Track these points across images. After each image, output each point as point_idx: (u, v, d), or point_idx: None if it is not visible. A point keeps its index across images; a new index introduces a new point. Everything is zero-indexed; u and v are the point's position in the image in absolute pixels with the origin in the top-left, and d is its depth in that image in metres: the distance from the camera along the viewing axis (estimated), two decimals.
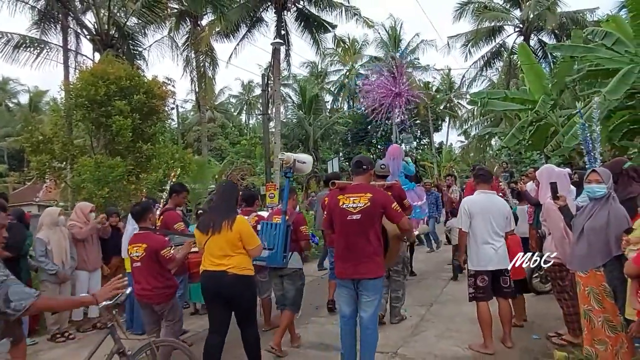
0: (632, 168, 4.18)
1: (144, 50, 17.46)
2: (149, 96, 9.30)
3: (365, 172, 3.83)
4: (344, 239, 3.67)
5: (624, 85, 9.64)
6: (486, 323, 4.27)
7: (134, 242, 4.10)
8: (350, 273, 3.64)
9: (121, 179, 8.46)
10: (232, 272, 3.58)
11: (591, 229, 3.44)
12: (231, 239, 3.61)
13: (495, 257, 4.25)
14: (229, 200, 3.85)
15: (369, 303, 3.62)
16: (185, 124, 35.67)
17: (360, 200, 3.60)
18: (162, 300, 4.03)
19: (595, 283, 3.46)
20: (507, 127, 18.06)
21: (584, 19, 21.79)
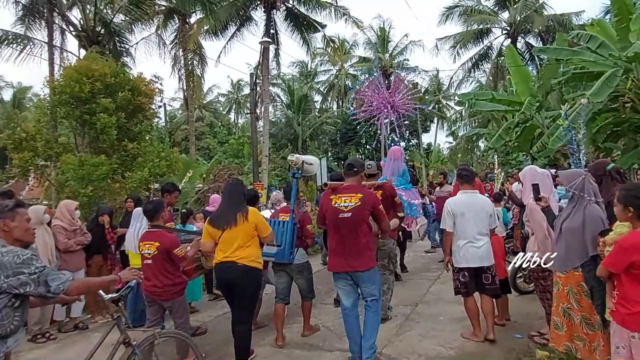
0: (614, 170, 4.23)
1: (131, 48, 17.26)
2: (134, 94, 9.19)
3: (357, 174, 4.14)
4: (337, 235, 3.97)
5: (607, 88, 9.78)
6: (474, 315, 4.48)
7: (146, 239, 4.19)
8: (344, 266, 3.95)
9: (105, 178, 8.35)
10: (241, 262, 3.89)
11: (568, 230, 3.51)
12: (248, 229, 3.94)
13: (477, 255, 4.39)
14: (238, 196, 4.14)
15: (370, 290, 3.98)
16: (173, 123, 35.38)
17: (352, 200, 3.90)
18: (172, 297, 4.16)
19: (573, 282, 3.52)
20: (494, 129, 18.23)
21: (570, 22, 22.09)
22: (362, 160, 5.07)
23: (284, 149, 28.19)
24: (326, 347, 4.66)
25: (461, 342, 4.54)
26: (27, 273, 2.22)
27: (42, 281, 2.24)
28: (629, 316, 2.68)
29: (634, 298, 2.66)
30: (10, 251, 2.27)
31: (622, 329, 2.72)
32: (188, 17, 19.81)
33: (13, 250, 2.29)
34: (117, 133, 8.81)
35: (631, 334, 2.67)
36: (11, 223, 2.42)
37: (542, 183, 4.07)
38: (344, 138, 34.11)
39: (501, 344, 4.40)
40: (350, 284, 4.01)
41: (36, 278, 2.24)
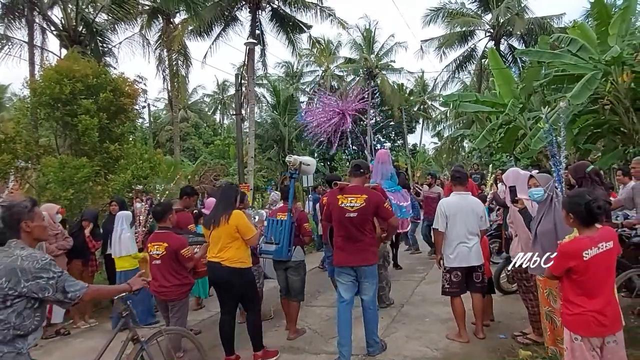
0: (594, 172, 4.32)
1: (114, 48, 17.02)
2: (117, 95, 9.05)
3: (362, 175, 4.41)
4: (343, 233, 4.25)
5: (587, 90, 9.95)
6: (460, 315, 4.56)
7: (155, 240, 4.34)
8: (349, 261, 4.23)
9: (87, 180, 8.20)
10: (225, 264, 4.10)
11: (542, 234, 3.59)
12: (229, 230, 4.12)
13: (469, 254, 4.49)
14: (227, 199, 4.33)
15: (368, 287, 4.27)
16: (157, 124, 34.99)
17: (357, 201, 4.17)
18: (178, 297, 4.31)
19: (552, 285, 3.58)
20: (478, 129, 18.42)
21: (551, 25, 22.45)
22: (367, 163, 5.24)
23: (270, 150, 28.09)
24: (312, 350, 4.66)
25: (446, 343, 4.57)
26: (46, 278, 2.32)
27: (60, 287, 2.36)
28: (570, 317, 2.73)
29: (573, 300, 2.71)
30: (29, 256, 2.34)
31: (567, 331, 2.77)
32: (172, 17, 19.60)
33: (33, 255, 2.35)
34: (99, 135, 8.67)
35: (574, 336, 2.70)
36: (32, 223, 2.47)
37: (524, 185, 4.13)
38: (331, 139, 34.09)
39: (485, 344, 4.45)
40: (352, 280, 4.28)
41: (54, 284, 2.34)
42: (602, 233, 2.72)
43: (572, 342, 2.71)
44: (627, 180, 5.67)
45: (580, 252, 2.63)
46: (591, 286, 2.68)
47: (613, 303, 2.74)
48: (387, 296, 5.93)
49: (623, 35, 10.59)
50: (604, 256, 2.67)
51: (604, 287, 2.71)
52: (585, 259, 2.62)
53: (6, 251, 2.37)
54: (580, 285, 2.69)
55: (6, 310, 2.24)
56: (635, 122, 10.52)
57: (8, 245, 2.41)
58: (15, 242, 2.41)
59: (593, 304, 2.66)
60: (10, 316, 2.24)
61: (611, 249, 2.70)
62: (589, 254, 2.63)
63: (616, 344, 2.70)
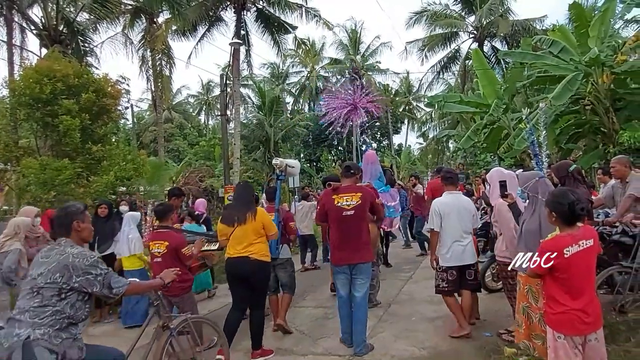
0: (576, 171, 4.39)
1: (96, 48, 16.76)
2: (99, 95, 8.89)
3: (354, 176, 4.61)
4: (340, 232, 4.40)
5: (568, 91, 10.13)
6: (456, 309, 4.61)
7: (155, 239, 4.54)
8: (347, 259, 4.38)
9: (69, 182, 8.03)
10: (253, 257, 4.28)
11: (527, 232, 3.63)
12: (256, 227, 4.33)
13: (463, 253, 4.55)
14: (247, 197, 4.58)
15: (361, 285, 4.40)
16: (141, 124, 34.54)
17: (353, 199, 4.36)
18: (180, 293, 4.46)
19: (533, 282, 3.63)
20: (463, 130, 18.62)
21: (534, 27, 22.82)
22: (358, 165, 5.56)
23: (256, 151, 27.93)
24: (300, 351, 4.63)
25: (433, 342, 4.59)
26: (95, 274, 2.60)
27: (106, 283, 2.64)
28: (553, 316, 2.75)
29: (556, 299, 2.73)
30: (80, 254, 2.61)
31: (550, 329, 2.79)
32: (156, 17, 19.37)
33: (82, 253, 2.63)
34: (81, 135, 8.50)
35: (557, 335, 2.73)
36: (82, 224, 2.75)
37: (509, 183, 4.18)
38: (316, 140, 34.09)
39: (471, 342, 4.47)
40: (348, 277, 4.45)
41: (102, 280, 2.62)
42: (583, 231, 2.76)
43: (555, 341, 2.73)
44: (607, 180, 5.79)
45: (561, 249, 2.66)
46: (573, 284, 2.71)
47: (594, 301, 2.78)
48: (376, 296, 6.00)
49: (603, 37, 10.83)
50: (584, 254, 2.71)
51: (586, 286, 2.75)
52: (566, 256, 2.66)
53: (57, 249, 2.63)
54: (563, 284, 2.72)
55: (62, 302, 2.52)
56: (615, 122, 10.76)
57: (58, 243, 2.67)
58: (65, 240, 2.68)
59: (576, 303, 2.69)
60: (65, 307, 2.53)
61: (591, 247, 2.74)
62: (570, 251, 2.66)
63: (597, 342, 2.74)
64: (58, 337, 2.47)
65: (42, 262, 2.58)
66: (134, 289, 2.94)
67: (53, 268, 2.53)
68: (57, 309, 2.50)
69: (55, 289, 2.51)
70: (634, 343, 3.82)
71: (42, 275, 2.53)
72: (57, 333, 2.48)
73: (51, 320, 2.48)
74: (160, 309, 3.39)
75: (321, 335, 5.05)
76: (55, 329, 2.48)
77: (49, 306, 2.49)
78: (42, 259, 2.60)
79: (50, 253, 2.62)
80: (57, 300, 2.51)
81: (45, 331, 2.45)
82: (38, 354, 2.39)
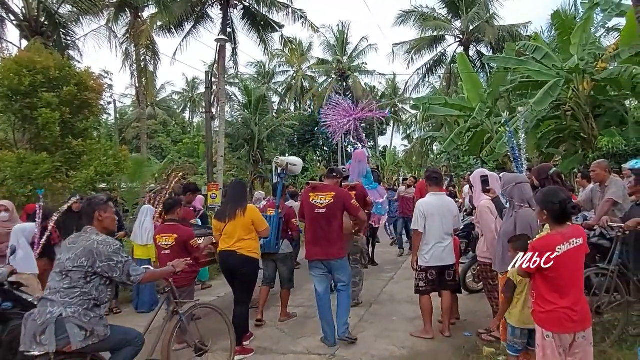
0: (556, 174, 4.46)
1: (78, 41, 16.42)
2: (80, 88, 8.72)
3: (335, 178, 4.82)
4: (313, 228, 4.59)
5: (549, 97, 10.31)
6: (428, 312, 4.65)
7: (164, 232, 4.74)
8: (319, 254, 4.54)
9: (47, 177, 7.86)
10: (241, 252, 4.42)
11: (504, 233, 3.71)
12: (245, 223, 4.47)
13: (443, 254, 4.58)
14: (239, 194, 4.73)
15: (342, 275, 4.61)
16: (124, 120, 34.03)
17: (326, 198, 4.53)
18: (186, 284, 4.66)
19: None
20: (447, 132, 18.81)
21: (519, 32, 23.17)
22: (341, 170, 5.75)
23: (241, 150, 27.76)
24: (279, 350, 4.60)
25: (413, 342, 4.61)
26: (116, 261, 2.84)
27: (126, 270, 2.88)
28: (542, 314, 2.77)
29: (546, 297, 2.75)
30: (104, 241, 2.86)
31: (539, 328, 2.81)
32: (141, 11, 19.05)
33: (107, 241, 2.87)
34: (61, 129, 8.34)
35: (546, 333, 2.74)
36: (104, 214, 2.99)
37: (491, 185, 4.22)
38: (302, 140, 34.05)
39: (451, 342, 4.51)
40: (324, 272, 4.60)
41: (122, 267, 2.86)
42: (572, 230, 2.80)
43: (544, 340, 2.75)
44: (586, 184, 5.90)
45: (553, 247, 2.69)
46: (563, 283, 2.74)
47: (583, 300, 2.81)
48: (358, 295, 6.05)
49: (584, 45, 11.05)
50: (574, 252, 2.74)
51: (575, 284, 2.78)
52: (557, 255, 2.68)
53: (84, 236, 2.88)
54: (553, 282, 2.74)
55: (88, 285, 2.78)
56: (595, 128, 10.99)
57: (85, 231, 2.92)
58: (90, 228, 2.93)
59: (565, 301, 2.71)
60: (91, 290, 2.79)
61: (581, 245, 2.77)
62: (561, 250, 2.68)
63: (585, 340, 2.77)
64: (87, 316, 2.73)
65: (70, 248, 2.85)
66: (150, 277, 3.17)
67: (80, 253, 2.78)
68: (85, 291, 2.77)
69: (82, 272, 2.77)
70: (610, 343, 3.90)
71: (70, 259, 2.78)
72: (85, 312, 2.74)
73: (80, 300, 2.74)
74: (171, 296, 3.61)
75: (302, 334, 5.03)
76: (84, 308, 2.75)
77: (77, 288, 2.76)
78: (69, 245, 2.88)
79: (78, 239, 2.88)
80: (84, 283, 2.77)
81: (76, 310, 2.71)
82: (69, 329, 2.65)
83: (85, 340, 2.70)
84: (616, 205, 4.64)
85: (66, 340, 2.65)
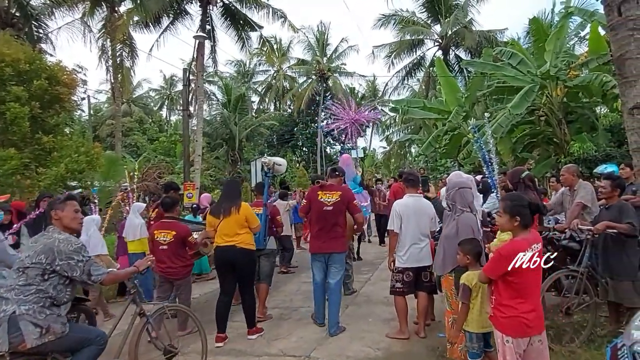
0: (527, 177, 4.54)
1: (51, 34, 15.97)
2: (52, 83, 8.44)
3: (338, 177, 5.32)
4: (319, 224, 4.99)
5: (525, 101, 10.53)
6: (403, 313, 4.68)
7: (162, 228, 5.02)
8: (324, 248, 4.97)
9: (15, 173, 7.59)
10: (239, 246, 4.71)
11: (445, 237, 3.79)
12: (239, 220, 4.76)
13: (419, 255, 4.61)
14: (233, 191, 5.08)
15: (336, 272, 5.01)
16: (98, 117, 33.24)
17: (333, 196, 4.98)
18: (183, 277, 5.09)
19: (447, 286, 3.75)
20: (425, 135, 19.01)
21: (496, 38, 23.64)
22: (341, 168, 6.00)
23: (219, 149, 27.46)
24: (254, 352, 4.54)
25: (388, 343, 4.62)
26: (77, 260, 2.83)
27: (86, 270, 2.87)
28: (504, 319, 2.77)
29: (507, 303, 2.76)
30: (66, 239, 2.86)
31: (499, 333, 2.81)
32: (117, 6, 18.65)
33: (68, 239, 2.87)
34: (31, 125, 8.05)
35: (506, 339, 2.76)
36: (61, 213, 2.96)
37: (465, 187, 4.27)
38: (281, 140, 33.93)
39: (425, 343, 4.53)
40: (323, 264, 5.03)
41: (82, 266, 2.85)
42: (534, 235, 2.82)
43: (504, 345, 2.76)
44: (559, 187, 6.03)
45: (518, 254, 2.68)
46: (524, 288, 2.75)
47: (540, 304, 2.85)
48: (352, 284, 6.68)
49: (558, 52, 11.33)
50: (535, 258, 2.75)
51: (535, 289, 2.81)
52: (522, 260, 2.68)
53: (46, 234, 2.90)
54: (515, 288, 2.75)
55: (45, 283, 2.75)
56: (567, 134, 11.29)
57: (48, 230, 2.94)
58: (52, 227, 2.94)
59: (525, 306, 2.73)
60: (48, 288, 2.76)
61: (540, 249, 2.80)
62: (526, 256, 2.68)
63: (541, 344, 2.80)
64: (42, 313, 2.70)
65: (31, 246, 2.86)
66: (114, 278, 3.22)
67: (39, 250, 2.78)
68: (41, 288, 2.73)
69: (40, 270, 2.74)
70: (579, 344, 3.98)
71: (29, 256, 2.78)
72: (41, 309, 2.71)
73: (35, 298, 2.71)
74: (136, 297, 3.54)
75: (276, 335, 4.99)
76: (40, 306, 2.71)
77: (32, 285, 2.72)
78: (32, 244, 2.91)
79: (40, 238, 2.91)
80: (40, 280, 2.74)
81: (30, 307, 2.68)
82: (23, 327, 2.62)
83: (41, 338, 2.65)
84: (585, 209, 4.75)
85: (20, 338, 2.60)
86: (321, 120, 30.52)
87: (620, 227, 3.97)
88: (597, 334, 4.24)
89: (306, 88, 33.04)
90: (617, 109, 10.34)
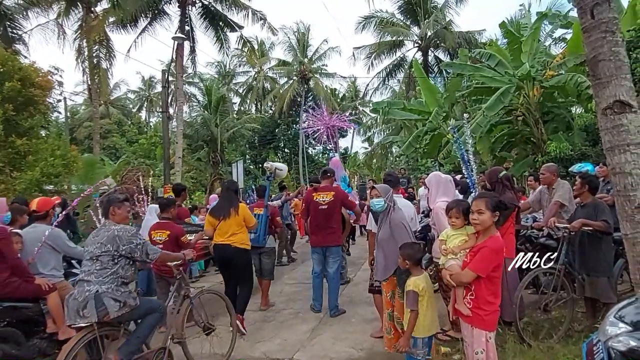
0: (505, 177, 4.61)
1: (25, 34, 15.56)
2: (25, 84, 8.24)
3: (329, 178, 5.90)
4: (316, 221, 5.71)
5: (500, 102, 10.69)
6: (382, 310, 4.56)
7: (158, 228, 5.27)
8: (321, 242, 5.72)
9: None
10: (234, 245, 5.13)
11: (383, 241, 3.81)
12: (237, 220, 5.20)
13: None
14: (231, 194, 5.40)
15: (333, 263, 5.75)
16: (75, 119, 32.54)
17: (327, 196, 5.67)
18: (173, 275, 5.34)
19: (393, 287, 3.77)
20: (406, 136, 19.17)
21: (475, 39, 23.98)
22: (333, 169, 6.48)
23: (200, 151, 27.18)
24: (237, 355, 4.49)
25: (371, 343, 4.63)
26: (136, 243, 3.40)
27: (144, 250, 3.45)
28: (486, 317, 2.79)
29: (489, 300, 2.80)
30: (122, 228, 3.41)
31: (482, 332, 2.81)
32: (93, 6, 18.30)
33: (124, 228, 3.43)
34: (4, 127, 7.84)
35: (488, 335, 2.79)
36: (118, 210, 3.51)
37: (445, 187, 4.32)
38: (262, 141, 33.77)
39: None
40: (321, 256, 5.75)
41: (141, 247, 3.43)
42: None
43: (487, 343, 2.79)
44: (537, 186, 6.14)
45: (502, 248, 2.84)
46: (499, 283, 2.86)
47: None
48: (346, 274, 7.39)
49: (534, 53, 11.55)
50: None
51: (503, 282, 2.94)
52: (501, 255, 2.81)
53: (104, 228, 3.43)
54: (495, 283, 2.81)
55: (116, 266, 3.30)
56: (544, 133, 11.51)
57: (104, 224, 3.50)
58: (108, 222, 3.47)
59: (498, 299, 2.85)
60: (118, 269, 3.31)
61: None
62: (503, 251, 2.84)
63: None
64: (118, 291, 3.24)
65: (94, 240, 3.36)
66: (165, 257, 3.83)
67: (105, 241, 3.30)
68: (114, 270, 3.28)
69: (110, 255, 3.28)
70: (556, 339, 4.06)
71: (97, 247, 3.29)
72: (117, 288, 3.25)
73: (110, 279, 3.25)
74: (182, 282, 4.08)
75: (260, 338, 4.96)
76: (115, 285, 3.25)
77: (107, 268, 3.26)
78: (93, 237, 3.39)
79: (99, 232, 3.41)
80: (112, 265, 3.28)
81: (109, 286, 3.22)
82: (106, 302, 3.16)
83: (120, 310, 3.21)
84: (563, 207, 4.85)
85: (105, 311, 3.14)
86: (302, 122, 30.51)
87: (595, 224, 4.07)
88: (574, 329, 4.34)
89: (287, 89, 32.98)
90: (592, 109, 10.60)
